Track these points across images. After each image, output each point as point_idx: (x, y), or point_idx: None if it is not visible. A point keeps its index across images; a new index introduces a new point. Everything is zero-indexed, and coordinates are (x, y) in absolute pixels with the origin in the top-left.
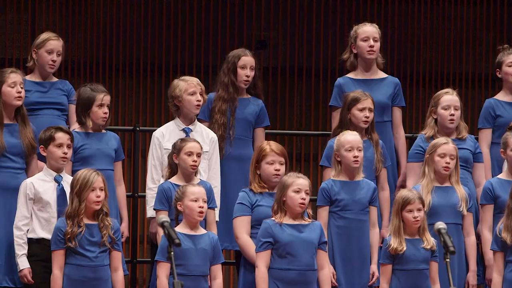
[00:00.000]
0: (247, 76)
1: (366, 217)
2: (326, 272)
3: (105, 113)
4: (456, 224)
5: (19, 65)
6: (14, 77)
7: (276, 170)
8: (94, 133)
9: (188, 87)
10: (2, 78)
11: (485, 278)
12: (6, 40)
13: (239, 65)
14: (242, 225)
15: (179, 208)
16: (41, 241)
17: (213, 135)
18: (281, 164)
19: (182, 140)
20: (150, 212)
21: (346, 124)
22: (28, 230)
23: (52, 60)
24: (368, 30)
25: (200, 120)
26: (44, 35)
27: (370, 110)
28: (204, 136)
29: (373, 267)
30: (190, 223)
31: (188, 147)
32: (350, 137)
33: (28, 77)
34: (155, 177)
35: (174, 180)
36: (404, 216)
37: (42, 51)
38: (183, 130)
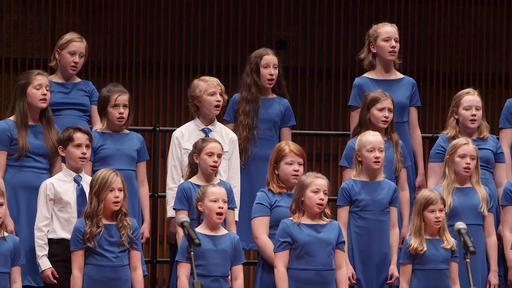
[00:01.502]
0: (271, 75)
1: (386, 218)
2: (344, 272)
3: (121, 113)
4: (477, 225)
5: (39, 65)
6: (40, 79)
7: (295, 170)
8: (115, 134)
9: (208, 87)
10: (28, 79)
11: (506, 279)
12: (26, 41)
13: (261, 65)
14: (261, 226)
15: (199, 208)
16: (61, 241)
17: (232, 135)
18: (300, 164)
19: (203, 140)
20: (170, 212)
21: (366, 124)
22: (48, 230)
23: (74, 62)
24: (390, 31)
25: (225, 122)
26: (67, 36)
27: (389, 110)
28: (224, 136)
29: (392, 268)
30: (210, 223)
31: (209, 147)
32: (372, 137)
33: (50, 78)
34: (175, 177)
35: (194, 180)
36: (425, 216)
37: (65, 52)
38: (203, 130)
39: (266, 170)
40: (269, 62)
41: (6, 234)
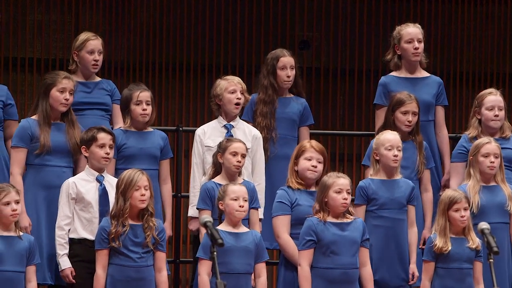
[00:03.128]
0: (288, 77)
1: (404, 216)
2: (369, 269)
3: (144, 110)
4: (504, 223)
5: (62, 65)
6: (65, 83)
7: (312, 166)
8: (139, 132)
9: (229, 85)
10: (53, 81)
11: None
12: (49, 41)
13: (278, 67)
14: (282, 224)
15: (220, 207)
16: (82, 241)
17: (256, 132)
18: (319, 161)
19: (228, 139)
20: (191, 211)
21: (390, 124)
22: (69, 230)
23: (95, 60)
24: (412, 32)
25: (244, 121)
26: (82, 36)
27: (414, 114)
28: (247, 133)
29: (413, 267)
30: (232, 222)
31: (233, 147)
32: (391, 136)
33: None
34: (197, 176)
35: (218, 179)
36: (450, 216)
37: (83, 52)
38: (225, 126)
39: (286, 169)
40: (286, 63)
41: (21, 233)
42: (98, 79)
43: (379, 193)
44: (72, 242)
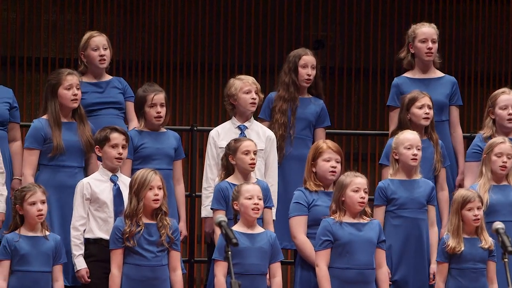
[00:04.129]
0: (309, 75)
1: (424, 216)
2: (385, 270)
3: (158, 112)
4: None
5: (77, 65)
6: (70, 79)
7: (332, 167)
8: (153, 132)
9: (243, 85)
10: (58, 80)
11: None
12: (64, 40)
13: (300, 64)
14: (299, 225)
15: (235, 207)
16: (98, 241)
17: (270, 133)
18: (337, 162)
19: (236, 140)
20: (204, 212)
21: (406, 125)
22: (84, 230)
23: (100, 55)
24: (427, 32)
25: (261, 120)
26: (85, 36)
27: (429, 107)
28: (261, 134)
29: (433, 267)
30: (247, 221)
31: (244, 146)
32: (410, 135)
33: (82, 79)
34: (209, 177)
35: (231, 179)
36: (463, 215)
37: (88, 50)
38: (238, 127)
39: (300, 169)
40: (307, 62)
41: (47, 233)
42: (109, 77)
43: (398, 193)
44: (87, 242)
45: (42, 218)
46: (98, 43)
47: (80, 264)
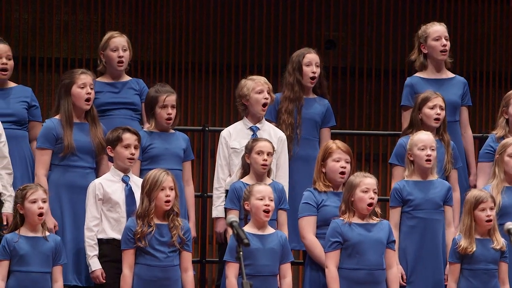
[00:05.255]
0: (313, 73)
1: (439, 217)
2: (394, 271)
3: (169, 114)
4: None
5: (88, 65)
6: (84, 78)
7: (342, 167)
8: (162, 133)
9: (256, 85)
10: (72, 78)
11: None
12: (76, 41)
13: (304, 63)
14: (308, 225)
15: (246, 207)
16: (111, 241)
17: (281, 134)
18: (347, 162)
19: (254, 140)
20: (215, 212)
21: (417, 124)
22: (98, 230)
23: (119, 57)
24: (439, 30)
25: (267, 121)
26: (106, 36)
27: (441, 108)
28: (272, 135)
29: (448, 269)
30: (258, 222)
31: (259, 146)
32: (424, 136)
33: (99, 79)
34: (220, 177)
35: (246, 179)
36: (476, 215)
37: (108, 50)
38: (250, 128)
39: (307, 170)
40: (311, 60)
41: (47, 233)
42: (127, 78)
43: (413, 194)
44: (100, 242)
45: (43, 218)
46: (118, 44)
47: (95, 265)
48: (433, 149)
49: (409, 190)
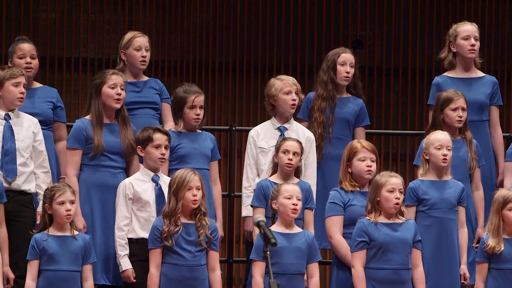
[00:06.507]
0: (347, 73)
1: (454, 216)
2: (421, 271)
3: (197, 114)
4: None
5: (115, 65)
6: (115, 78)
7: (367, 166)
8: (190, 133)
9: (284, 86)
10: (103, 79)
11: None
12: (103, 41)
13: (338, 62)
14: (335, 225)
15: (273, 206)
16: (140, 241)
17: (309, 134)
18: (372, 161)
19: (283, 139)
20: (245, 211)
21: (439, 124)
22: (128, 230)
23: (142, 56)
24: (469, 29)
25: (299, 120)
26: (128, 35)
27: (463, 109)
28: (300, 135)
29: (463, 268)
30: (285, 221)
31: (285, 145)
32: (440, 135)
33: None
34: (249, 176)
35: (273, 178)
36: (504, 215)
37: (131, 50)
38: (278, 128)
39: (339, 169)
40: (346, 60)
41: (76, 232)
42: (145, 78)
43: (429, 193)
44: (130, 242)
45: (70, 218)
46: (141, 44)
47: (126, 264)
48: (449, 149)
49: (425, 189)
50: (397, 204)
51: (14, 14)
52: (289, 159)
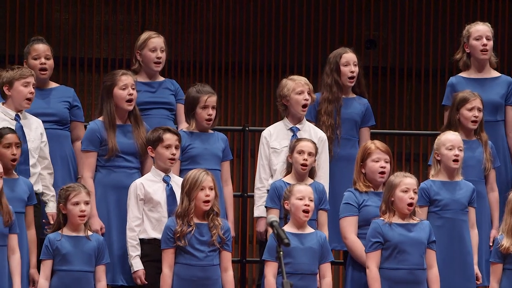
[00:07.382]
0: (352, 72)
1: (466, 217)
2: (435, 271)
3: (209, 114)
4: None
5: (129, 65)
6: (125, 79)
7: (381, 167)
8: (202, 133)
9: (296, 86)
10: (113, 80)
11: None
12: (116, 41)
13: (341, 63)
14: (349, 225)
15: (286, 207)
16: (152, 241)
17: (321, 134)
18: (386, 161)
19: (297, 139)
20: (257, 212)
21: (455, 124)
22: (140, 230)
23: (157, 57)
24: (481, 29)
25: (307, 121)
26: (144, 35)
27: (479, 110)
28: (313, 135)
29: (476, 269)
30: (297, 222)
31: (300, 145)
32: (452, 136)
33: (135, 78)
34: (262, 177)
35: (287, 179)
36: None
37: (146, 50)
38: (291, 129)
39: (348, 169)
40: (349, 60)
41: (90, 233)
42: (161, 78)
43: (441, 194)
44: (142, 242)
45: (85, 219)
46: (157, 45)
47: (137, 265)
48: (460, 150)
49: (436, 190)
50: (411, 204)
51: (27, 14)
52: (304, 160)
